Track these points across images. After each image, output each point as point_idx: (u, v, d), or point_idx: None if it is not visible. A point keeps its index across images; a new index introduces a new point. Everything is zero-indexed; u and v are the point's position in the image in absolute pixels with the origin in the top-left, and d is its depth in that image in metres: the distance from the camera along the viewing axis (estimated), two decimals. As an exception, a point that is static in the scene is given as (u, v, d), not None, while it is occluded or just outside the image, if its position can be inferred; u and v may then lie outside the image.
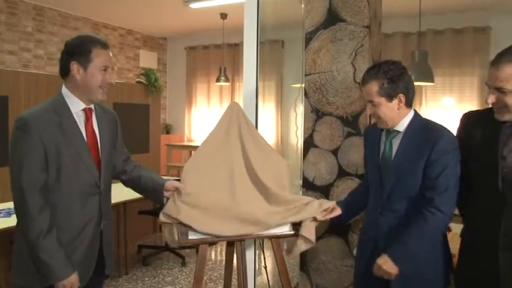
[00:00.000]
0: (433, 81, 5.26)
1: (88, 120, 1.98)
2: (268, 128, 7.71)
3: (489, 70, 1.71)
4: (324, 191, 2.84)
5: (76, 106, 1.94)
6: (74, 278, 1.85)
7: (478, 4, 5.98)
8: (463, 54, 6.45)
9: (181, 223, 2.07)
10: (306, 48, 2.94)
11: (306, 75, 2.93)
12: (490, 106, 1.80)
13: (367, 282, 2.12)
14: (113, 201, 2.22)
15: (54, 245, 1.81)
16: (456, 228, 3.30)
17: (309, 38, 2.91)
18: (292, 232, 2.24)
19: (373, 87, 1.96)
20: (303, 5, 3.01)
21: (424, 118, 2.09)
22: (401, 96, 1.96)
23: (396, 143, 2.03)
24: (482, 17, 6.20)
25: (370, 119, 2.53)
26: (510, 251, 1.71)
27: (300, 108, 3.38)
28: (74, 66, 1.89)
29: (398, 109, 1.98)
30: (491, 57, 1.73)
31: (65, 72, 1.93)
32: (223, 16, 7.22)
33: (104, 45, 1.94)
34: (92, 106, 2.01)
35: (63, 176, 1.85)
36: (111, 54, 1.98)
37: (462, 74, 6.48)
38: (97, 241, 2.02)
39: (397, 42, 6.83)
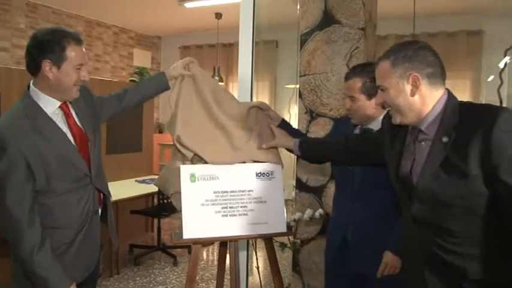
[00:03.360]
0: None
1: (68, 116, 1.86)
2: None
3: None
4: (316, 192, 2.85)
5: (50, 106, 1.80)
6: None
7: (471, 8, 6.02)
8: (456, 57, 6.49)
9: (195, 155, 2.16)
10: (300, 49, 2.94)
11: (300, 76, 2.94)
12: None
13: (338, 273, 2.21)
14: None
15: (49, 258, 1.74)
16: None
17: (304, 39, 2.92)
18: (286, 231, 2.24)
19: (356, 83, 2.07)
20: (298, 6, 3.02)
21: None
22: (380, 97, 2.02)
23: None
24: (475, 20, 6.26)
25: None
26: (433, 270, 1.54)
27: (294, 109, 3.39)
28: (46, 65, 1.73)
29: (374, 108, 2.06)
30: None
31: (34, 69, 1.77)
32: (218, 16, 7.21)
33: (78, 41, 1.80)
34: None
35: (52, 178, 1.77)
36: (84, 49, 1.83)
37: (455, 77, 6.51)
38: (97, 227, 1.99)
39: (391, 45, 6.80)
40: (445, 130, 1.45)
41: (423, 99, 1.49)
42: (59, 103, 1.83)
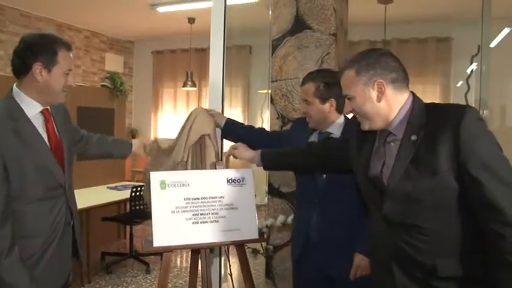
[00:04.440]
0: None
1: (48, 121, 1.88)
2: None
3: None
4: (289, 198, 2.84)
5: (32, 109, 1.81)
6: None
7: (441, 15, 6.15)
8: (426, 63, 6.62)
9: None
10: (272, 54, 2.95)
11: (272, 81, 2.94)
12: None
13: (305, 274, 2.25)
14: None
15: (17, 264, 1.70)
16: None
17: (275, 45, 2.93)
18: (258, 238, 2.23)
19: (311, 87, 2.15)
20: (270, 12, 3.02)
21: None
22: (333, 101, 2.14)
23: None
24: (445, 27, 6.40)
25: None
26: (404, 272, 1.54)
27: (266, 114, 3.39)
28: (37, 67, 1.75)
29: (329, 112, 2.15)
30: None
31: (22, 72, 1.79)
32: (191, 21, 7.18)
33: (69, 47, 1.85)
34: (48, 107, 1.90)
35: (27, 183, 1.75)
36: (72, 56, 1.88)
37: (425, 83, 6.65)
38: (69, 239, 1.95)
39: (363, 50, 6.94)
40: (413, 129, 1.49)
41: (389, 103, 1.53)
42: (41, 107, 1.84)
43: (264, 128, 2.64)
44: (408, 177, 1.48)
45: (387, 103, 1.53)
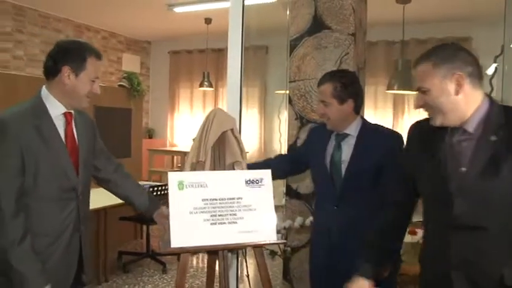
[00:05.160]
0: (416, 90, 5.29)
1: (68, 124, 1.93)
2: (251, 134, 7.68)
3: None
4: (307, 199, 2.82)
5: (56, 110, 1.88)
6: None
7: (460, 15, 6.06)
8: (445, 63, 6.52)
9: None
10: (290, 55, 2.93)
11: (290, 82, 2.92)
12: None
13: (325, 279, 2.23)
14: (94, 206, 2.18)
15: (28, 253, 1.74)
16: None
17: (293, 45, 2.91)
18: (278, 241, 2.21)
19: (328, 88, 2.14)
20: (288, 12, 3.01)
21: (373, 123, 2.27)
22: (351, 102, 2.14)
23: (346, 145, 2.19)
24: (464, 27, 6.30)
25: None
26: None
27: (284, 115, 3.37)
28: (65, 70, 1.83)
29: (346, 113, 2.15)
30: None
31: (52, 73, 1.87)
32: (208, 21, 7.19)
33: (99, 56, 1.93)
34: (72, 110, 1.95)
35: (40, 180, 1.79)
36: (100, 65, 1.96)
37: (444, 84, 6.55)
38: (76, 248, 1.96)
39: (381, 51, 6.89)
40: (492, 129, 1.48)
41: (467, 98, 1.51)
42: (64, 110, 1.90)
43: (281, 154, 2.68)
44: (484, 177, 1.47)
45: (465, 98, 1.51)
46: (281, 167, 2.45)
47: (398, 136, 2.19)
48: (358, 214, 2.10)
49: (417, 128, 1.75)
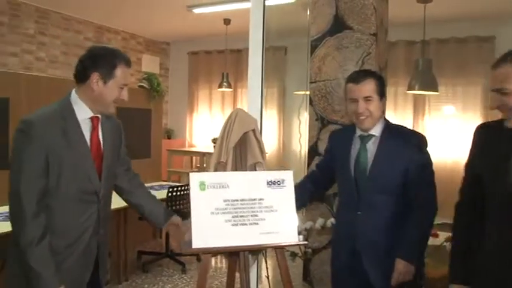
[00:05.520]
0: (437, 91, 5.23)
1: (94, 129, 1.95)
2: (270, 135, 7.66)
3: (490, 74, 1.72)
4: (327, 201, 2.80)
5: (83, 114, 1.90)
6: None
7: (483, 13, 5.96)
8: (466, 63, 6.42)
9: None
10: (311, 55, 2.91)
11: (311, 82, 2.90)
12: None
13: (346, 282, 2.22)
14: (113, 206, 2.18)
15: (46, 254, 1.76)
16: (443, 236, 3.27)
17: (314, 45, 2.89)
18: (301, 242, 2.20)
19: (372, 83, 2.11)
20: (308, 12, 2.99)
21: (394, 123, 2.23)
22: (385, 99, 2.16)
23: (371, 146, 2.15)
24: (487, 26, 6.18)
25: None
26: None
27: (304, 116, 3.35)
28: (94, 77, 1.85)
29: (382, 110, 2.16)
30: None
31: (81, 78, 1.89)
32: (227, 22, 7.20)
33: (129, 63, 1.94)
34: (99, 115, 1.97)
35: (63, 181, 1.81)
36: (130, 72, 1.97)
37: (466, 84, 6.44)
38: (93, 250, 1.97)
39: (400, 51, 6.80)
40: None
41: None
42: (91, 114, 1.92)
43: (307, 175, 2.57)
44: None
45: None
46: (319, 184, 2.43)
47: (422, 137, 2.16)
48: (382, 220, 2.09)
49: (484, 129, 1.78)
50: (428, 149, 2.12)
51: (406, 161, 2.06)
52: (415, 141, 2.12)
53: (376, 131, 2.14)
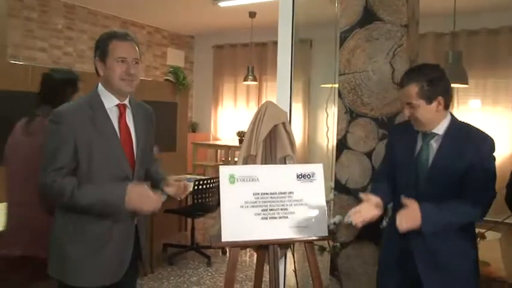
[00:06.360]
0: (467, 83, 5.10)
1: (121, 115, 1.97)
2: (295, 128, 7.60)
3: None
4: (356, 194, 2.76)
5: (110, 102, 1.95)
6: (131, 186, 1.84)
7: (515, 3, 5.79)
8: (498, 55, 6.25)
9: None
10: (340, 47, 2.86)
11: (340, 75, 2.86)
12: None
13: (394, 280, 2.11)
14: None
15: (89, 186, 1.83)
16: (491, 235, 3.19)
17: (343, 37, 2.84)
18: (327, 235, 2.18)
19: (413, 89, 1.95)
20: (336, 4, 2.94)
21: (462, 121, 2.07)
22: (440, 99, 1.97)
23: (434, 145, 2.03)
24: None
25: None
26: None
27: (332, 109, 3.31)
28: (96, 63, 1.93)
29: (436, 111, 1.97)
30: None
31: (96, 69, 1.96)
32: (252, 15, 7.17)
33: (121, 37, 1.93)
34: (127, 102, 2.00)
35: (93, 168, 1.87)
36: (133, 47, 1.96)
37: (497, 76, 6.28)
38: (131, 237, 1.99)
39: (429, 43, 6.68)
40: None
41: None
42: (117, 101, 1.96)
43: (378, 175, 2.41)
44: None
45: None
46: (386, 188, 2.21)
47: (490, 140, 1.99)
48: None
49: None
50: (493, 152, 1.97)
51: (467, 162, 1.94)
52: (481, 145, 1.97)
53: (439, 129, 2.01)
